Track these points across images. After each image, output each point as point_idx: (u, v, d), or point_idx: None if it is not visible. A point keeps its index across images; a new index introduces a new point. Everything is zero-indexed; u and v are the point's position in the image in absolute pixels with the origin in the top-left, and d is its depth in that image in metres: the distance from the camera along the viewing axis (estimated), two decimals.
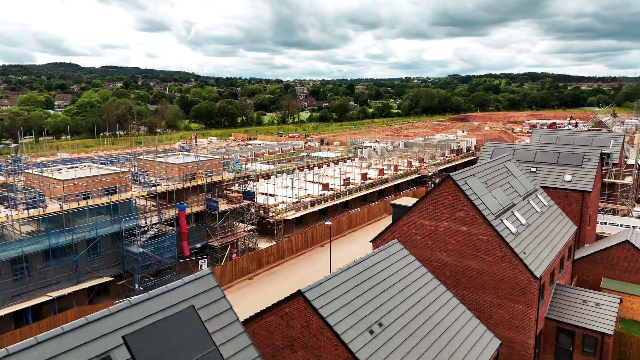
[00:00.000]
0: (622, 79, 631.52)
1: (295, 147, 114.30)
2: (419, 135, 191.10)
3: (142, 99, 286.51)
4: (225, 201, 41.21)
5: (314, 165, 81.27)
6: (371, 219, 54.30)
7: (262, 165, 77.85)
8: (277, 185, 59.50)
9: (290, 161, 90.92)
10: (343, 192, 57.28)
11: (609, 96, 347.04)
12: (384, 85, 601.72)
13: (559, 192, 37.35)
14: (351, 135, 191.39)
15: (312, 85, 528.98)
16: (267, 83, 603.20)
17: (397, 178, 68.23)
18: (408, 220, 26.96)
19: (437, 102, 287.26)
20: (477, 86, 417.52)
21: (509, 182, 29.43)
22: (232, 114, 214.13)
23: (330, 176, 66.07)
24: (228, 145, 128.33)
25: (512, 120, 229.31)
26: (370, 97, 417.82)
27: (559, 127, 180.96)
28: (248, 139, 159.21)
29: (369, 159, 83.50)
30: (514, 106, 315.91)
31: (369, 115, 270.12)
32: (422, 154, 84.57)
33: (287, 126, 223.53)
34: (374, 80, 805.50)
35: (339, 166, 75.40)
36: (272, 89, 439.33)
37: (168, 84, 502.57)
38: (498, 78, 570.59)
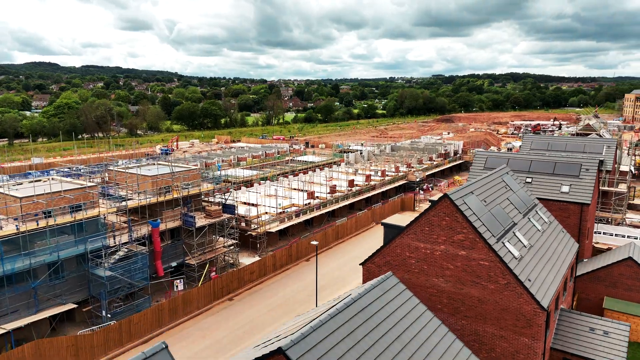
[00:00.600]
0: (601, 79, 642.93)
1: (279, 150, 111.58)
2: (404, 136, 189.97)
3: (123, 99, 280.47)
4: (204, 215, 38.47)
5: (298, 170, 78.77)
6: (359, 228, 52.03)
7: (244, 171, 75.07)
8: (260, 194, 56.84)
9: (274, 166, 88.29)
10: (329, 201, 54.88)
11: (589, 96, 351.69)
12: (369, 86, 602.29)
13: (556, 205, 35.53)
14: (337, 136, 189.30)
15: (296, 86, 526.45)
16: (251, 83, 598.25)
17: (384, 184, 66.11)
18: (401, 242, 24.67)
19: (422, 102, 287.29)
20: (460, 86, 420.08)
21: (508, 198, 27.37)
22: (216, 115, 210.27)
23: (316, 183, 63.65)
24: (210, 148, 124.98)
25: (496, 121, 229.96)
26: (355, 98, 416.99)
27: (542, 128, 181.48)
28: (231, 141, 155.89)
29: (355, 163, 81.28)
30: (497, 106, 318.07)
31: (354, 116, 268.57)
32: (410, 159, 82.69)
33: (272, 127, 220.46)
34: (359, 80, 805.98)
35: (325, 172, 73.01)
36: (257, 89, 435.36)
37: (150, 84, 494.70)
38: (481, 78, 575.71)
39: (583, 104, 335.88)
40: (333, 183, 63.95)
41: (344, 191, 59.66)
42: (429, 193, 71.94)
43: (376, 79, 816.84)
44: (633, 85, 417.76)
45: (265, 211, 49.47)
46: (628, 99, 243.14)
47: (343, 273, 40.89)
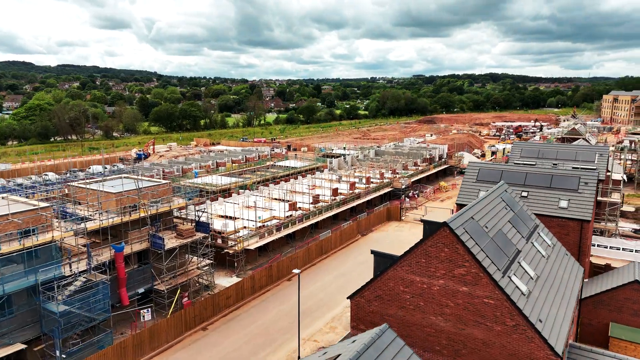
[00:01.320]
0: (577, 79, 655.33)
1: (260, 154, 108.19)
2: (387, 138, 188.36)
3: (99, 100, 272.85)
4: (175, 235, 35.09)
5: (280, 178, 75.64)
6: (343, 242, 49.22)
7: (223, 179, 71.59)
8: (238, 205, 53.57)
9: (254, 172, 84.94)
10: (312, 213, 51.94)
11: (567, 97, 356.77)
12: (350, 86, 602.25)
13: (554, 221, 33.29)
14: (319, 138, 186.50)
15: (278, 86, 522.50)
16: (232, 83, 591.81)
17: (369, 193, 63.48)
18: (395, 275, 21.88)
19: (404, 103, 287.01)
20: (441, 87, 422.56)
21: (509, 221, 24.85)
22: (195, 116, 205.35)
23: (298, 192, 60.64)
24: (188, 152, 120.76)
25: (478, 122, 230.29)
26: (337, 98, 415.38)
27: (524, 130, 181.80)
28: (211, 143, 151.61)
29: (338, 169, 78.53)
30: (478, 107, 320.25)
31: (336, 117, 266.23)
32: (394, 164, 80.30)
33: (253, 129, 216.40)
34: (340, 80, 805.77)
35: (307, 179, 70.03)
36: (238, 89, 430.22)
37: (128, 84, 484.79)
38: (461, 79, 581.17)
39: (561, 105, 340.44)
40: (316, 192, 61.04)
41: (328, 201, 56.80)
42: (415, 200, 69.65)
43: (358, 79, 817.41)
44: (608, 86, 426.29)
45: (243, 225, 46.24)
46: (606, 100, 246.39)
47: (328, 294, 38.02)
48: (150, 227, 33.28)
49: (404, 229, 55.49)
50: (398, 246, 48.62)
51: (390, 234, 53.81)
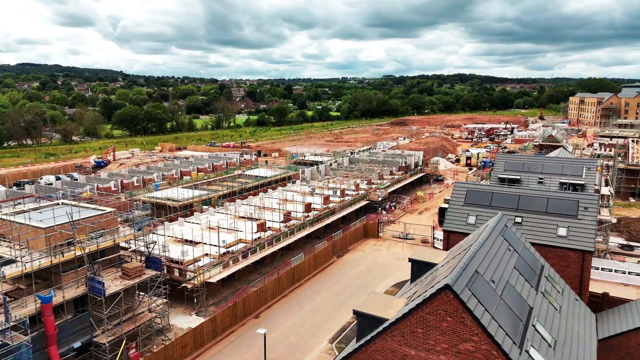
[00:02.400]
0: (540, 80, 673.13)
1: (228, 162, 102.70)
2: (359, 140, 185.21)
3: (59, 101, 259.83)
4: (120, 274, 29.91)
5: (248, 191, 70.67)
6: (318, 266, 44.84)
7: (185, 192, 66.08)
8: (200, 226, 48.42)
9: (222, 182, 79.55)
10: (283, 233, 47.33)
11: (533, 98, 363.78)
12: (322, 86, 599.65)
13: (552, 251, 29.85)
14: (291, 142, 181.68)
15: (248, 86, 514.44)
16: (201, 82, 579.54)
17: (344, 207, 59.33)
18: (383, 346, 17.58)
19: (376, 105, 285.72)
20: (412, 88, 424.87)
21: (515, 267, 20.98)
22: (161, 119, 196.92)
23: (268, 208, 55.87)
24: (152, 159, 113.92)
25: (449, 124, 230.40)
26: (308, 99, 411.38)
27: (495, 132, 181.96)
28: (177, 148, 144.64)
29: (311, 180, 74.12)
30: (448, 108, 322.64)
31: (308, 119, 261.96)
32: (369, 173, 76.48)
33: (222, 131, 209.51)
34: (312, 80, 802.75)
35: (278, 192, 65.30)
36: (207, 89, 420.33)
37: (92, 83, 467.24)
38: (430, 79, 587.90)
39: (528, 106, 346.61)
40: (287, 207, 56.43)
41: (300, 218, 52.28)
42: (392, 213, 65.98)
43: (329, 79, 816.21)
44: (570, 86, 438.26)
45: (205, 252, 41.22)
46: (572, 102, 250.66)
47: (300, 337, 33.50)
48: (88, 267, 28.00)
49: (382, 248, 51.54)
50: (377, 272, 44.70)
51: (368, 254, 49.74)
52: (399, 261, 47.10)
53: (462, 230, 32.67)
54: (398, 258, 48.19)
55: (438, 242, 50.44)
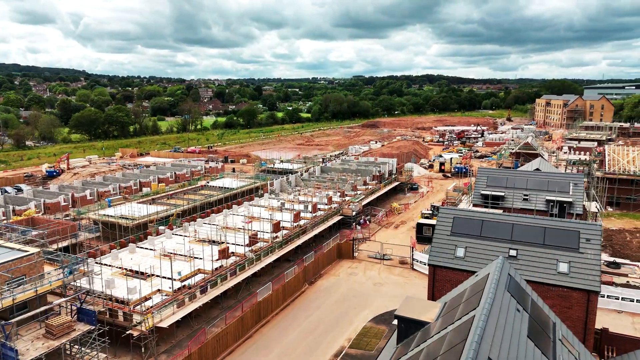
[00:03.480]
0: (505, 81, 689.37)
1: (192, 170, 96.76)
2: (331, 144, 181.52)
3: (13, 104, 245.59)
4: (43, 333, 24.57)
5: (211, 206, 65.39)
6: (287, 298, 40.24)
7: (142, 208, 60.24)
8: (154, 253, 43.06)
9: (184, 194, 73.82)
10: (249, 260, 42.52)
11: (500, 99, 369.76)
12: (292, 87, 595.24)
13: (553, 291, 26.30)
14: (260, 145, 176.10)
15: (217, 86, 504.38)
16: (168, 82, 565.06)
17: (316, 224, 54.93)
18: None
19: (346, 106, 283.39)
20: (381, 89, 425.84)
21: (529, 337, 17.00)
22: (123, 122, 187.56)
23: (231, 228, 50.84)
24: (110, 168, 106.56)
25: (420, 126, 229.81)
26: (278, 100, 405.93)
27: (466, 135, 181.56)
28: (139, 154, 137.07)
29: (281, 192, 69.40)
30: (418, 110, 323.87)
31: (278, 121, 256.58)
32: (342, 184, 72.39)
33: (189, 134, 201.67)
34: (282, 80, 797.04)
35: (244, 208, 60.27)
36: (173, 90, 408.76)
37: (52, 83, 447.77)
38: (399, 79, 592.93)
39: (495, 107, 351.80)
40: (254, 226, 51.61)
41: (268, 240, 47.56)
42: (367, 227, 62.06)
43: (299, 79, 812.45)
44: (534, 87, 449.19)
45: (157, 287, 35.99)
46: (539, 104, 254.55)
47: None
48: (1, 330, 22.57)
49: (358, 271, 47.39)
50: (353, 302, 40.40)
51: (343, 279, 45.49)
52: (376, 288, 43.06)
53: (449, 264, 28.81)
54: (375, 283, 44.16)
55: (418, 265, 46.73)
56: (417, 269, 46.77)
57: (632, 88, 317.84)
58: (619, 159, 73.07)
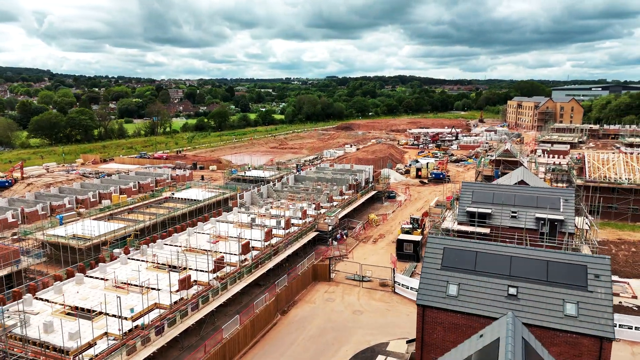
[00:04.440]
0: (475, 81, 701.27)
1: (158, 178, 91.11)
2: (305, 147, 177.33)
3: None
4: None
5: (175, 223, 60.39)
6: (256, 333, 35.94)
7: (98, 226, 54.73)
8: (105, 284, 38.03)
9: (147, 207, 68.45)
10: (213, 290, 37.96)
11: (471, 100, 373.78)
12: (265, 87, 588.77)
13: (559, 337, 22.93)
14: (232, 149, 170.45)
15: (188, 87, 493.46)
16: (137, 83, 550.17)
17: (290, 243, 50.74)
18: None
19: (320, 108, 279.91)
20: (355, 90, 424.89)
21: None
22: (86, 125, 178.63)
23: (195, 250, 46.15)
24: (68, 176, 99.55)
25: (394, 128, 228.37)
26: (251, 101, 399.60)
27: (441, 137, 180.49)
28: (102, 160, 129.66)
29: (251, 205, 64.87)
30: (391, 111, 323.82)
31: (251, 123, 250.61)
32: (317, 195, 68.40)
33: (157, 138, 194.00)
34: (255, 80, 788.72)
35: (211, 224, 55.48)
36: (142, 90, 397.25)
37: (13, 84, 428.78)
38: (372, 80, 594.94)
39: (467, 108, 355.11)
40: (220, 247, 47.02)
41: (236, 264, 43.12)
42: (344, 242, 58.28)
43: (272, 79, 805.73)
44: (503, 88, 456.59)
45: (104, 330, 31.11)
46: (510, 105, 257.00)
47: None
48: None
49: (336, 296, 43.45)
50: (331, 336, 36.26)
51: (319, 307, 41.46)
52: (356, 317, 39.21)
53: (441, 305, 25.16)
54: (355, 311, 40.31)
55: (400, 288, 43.12)
56: (399, 293, 43.18)
57: (598, 89, 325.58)
58: (599, 166, 71.58)
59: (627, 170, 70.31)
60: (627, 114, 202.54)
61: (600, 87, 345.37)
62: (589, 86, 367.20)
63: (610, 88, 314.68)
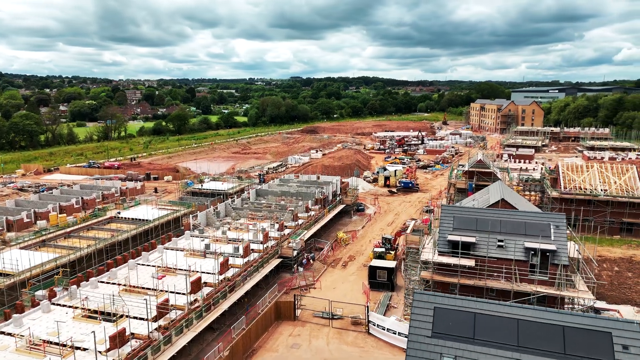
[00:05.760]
0: (437, 82, 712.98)
1: (105, 192, 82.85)
2: (269, 151, 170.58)
3: None
4: None
5: (119, 250, 53.08)
6: None
7: (26, 257, 46.77)
8: (17, 344, 30.83)
9: (87, 230, 60.54)
10: (154, 347, 31.46)
11: (434, 102, 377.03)
12: (228, 88, 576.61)
13: None
14: (191, 155, 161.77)
15: (147, 87, 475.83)
16: (93, 83, 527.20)
17: (249, 275, 44.62)
18: None
19: (285, 110, 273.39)
20: (319, 91, 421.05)
21: None
22: (31, 131, 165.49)
23: (136, 290, 39.34)
24: (1, 191, 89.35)
25: (360, 131, 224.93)
26: (213, 102, 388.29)
27: (407, 141, 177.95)
28: (46, 170, 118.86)
29: (206, 227, 58.19)
30: (356, 113, 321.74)
31: (212, 126, 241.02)
32: (281, 213, 62.44)
33: (111, 143, 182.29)
34: (217, 80, 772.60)
35: (158, 253, 48.55)
36: (97, 92, 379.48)
37: None
38: (336, 81, 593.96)
39: (430, 109, 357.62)
40: (167, 285, 40.40)
41: (184, 307, 36.63)
42: (310, 268, 52.69)
43: (235, 79, 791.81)
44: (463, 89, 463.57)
45: None
46: (473, 108, 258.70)
47: None
48: None
49: (302, 340, 37.76)
50: None
51: (283, 355, 35.63)
52: None
53: None
54: (326, 358, 34.76)
55: (375, 329, 37.87)
56: (374, 334, 37.94)
57: (555, 91, 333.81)
58: (574, 177, 69.03)
59: (602, 180, 68.07)
60: (584, 116, 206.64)
61: (556, 89, 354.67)
62: (546, 88, 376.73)
63: (566, 90, 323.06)
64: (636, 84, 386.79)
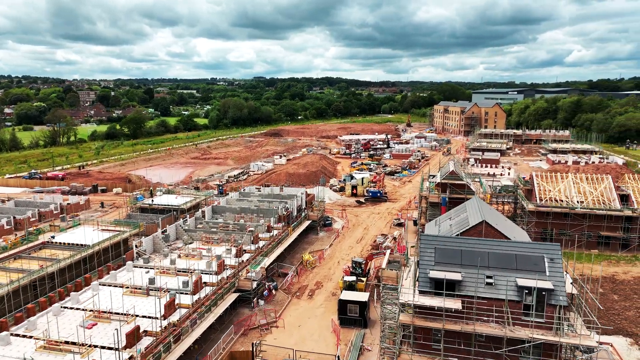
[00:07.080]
0: (399, 83, 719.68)
1: (42, 210, 73.95)
2: (230, 156, 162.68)
3: None
4: None
5: (49, 286, 45.22)
6: None
7: None
8: None
9: (14, 260, 52.17)
10: None
11: (398, 103, 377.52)
12: (189, 88, 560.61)
13: None
14: (146, 162, 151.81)
15: (102, 88, 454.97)
16: (44, 83, 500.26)
17: (201, 317, 38.15)
18: None
19: (247, 112, 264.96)
20: (283, 92, 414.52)
21: None
22: None
23: (57, 347, 32.21)
24: None
25: (325, 134, 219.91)
26: (172, 103, 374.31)
27: (372, 145, 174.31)
28: None
29: (154, 254, 51.08)
30: (321, 115, 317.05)
31: (170, 129, 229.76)
32: (240, 236, 56.00)
33: (59, 149, 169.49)
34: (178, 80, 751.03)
35: (91, 292, 41.20)
36: (47, 92, 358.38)
37: None
38: (300, 82, 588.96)
39: (394, 111, 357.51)
40: (98, 336, 33.45)
41: None
42: (271, 300, 46.72)
43: (197, 79, 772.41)
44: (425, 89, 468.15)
45: None
46: (437, 110, 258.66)
47: None
48: None
49: None
50: None
51: None
52: None
53: None
54: None
55: None
56: None
57: (514, 93, 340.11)
58: (549, 188, 66.03)
59: (577, 191, 65.38)
60: (544, 118, 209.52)
61: (515, 90, 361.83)
62: (505, 89, 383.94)
63: (524, 92, 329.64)
64: (589, 85, 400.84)
